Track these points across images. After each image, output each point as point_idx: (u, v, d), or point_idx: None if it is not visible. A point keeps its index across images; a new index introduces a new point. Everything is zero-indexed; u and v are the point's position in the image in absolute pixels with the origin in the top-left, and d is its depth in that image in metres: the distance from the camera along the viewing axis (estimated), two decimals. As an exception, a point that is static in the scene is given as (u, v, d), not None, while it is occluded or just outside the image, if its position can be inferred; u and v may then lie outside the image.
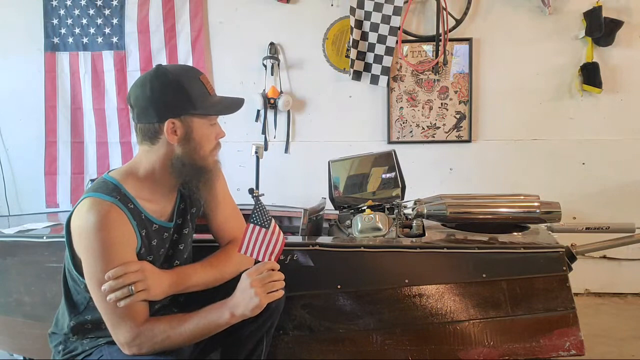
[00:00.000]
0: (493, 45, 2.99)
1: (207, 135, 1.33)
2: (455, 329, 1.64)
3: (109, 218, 1.22)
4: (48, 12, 3.24)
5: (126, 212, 1.27)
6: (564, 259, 1.68)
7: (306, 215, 1.96)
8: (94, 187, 1.30)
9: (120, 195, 1.28)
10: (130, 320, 1.23)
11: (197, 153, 1.32)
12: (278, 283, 1.29)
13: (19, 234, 1.94)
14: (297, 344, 1.68)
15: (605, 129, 2.95)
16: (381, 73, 3.00)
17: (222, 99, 1.37)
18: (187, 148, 1.30)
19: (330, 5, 3.06)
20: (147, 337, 1.24)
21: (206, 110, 1.31)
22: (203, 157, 1.33)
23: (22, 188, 3.39)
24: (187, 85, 1.29)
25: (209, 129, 1.34)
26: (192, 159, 1.31)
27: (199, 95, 1.30)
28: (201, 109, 1.30)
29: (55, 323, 1.47)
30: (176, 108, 1.28)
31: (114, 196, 1.26)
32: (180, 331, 1.25)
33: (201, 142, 1.32)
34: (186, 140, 1.30)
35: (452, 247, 1.72)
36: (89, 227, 1.22)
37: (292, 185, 3.15)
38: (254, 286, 1.24)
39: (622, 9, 2.86)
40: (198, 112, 1.29)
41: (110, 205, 1.24)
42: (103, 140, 3.29)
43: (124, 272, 1.21)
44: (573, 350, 1.61)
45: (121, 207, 1.26)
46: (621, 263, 2.98)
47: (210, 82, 1.36)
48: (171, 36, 3.17)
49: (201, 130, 1.31)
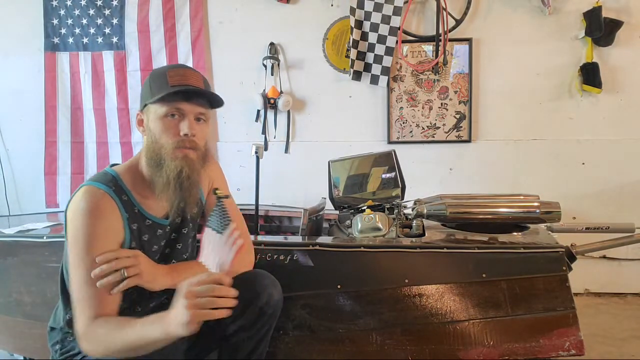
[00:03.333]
0: (493, 45, 2.99)
1: (164, 126, 1.29)
2: (455, 329, 1.64)
3: (98, 205, 1.25)
4: (48, 12, 3.24)
5: (118, 203, 1.29)
6: (564, 259, 1.68)
7: (306, 215, 1.96)
8: (93, 177, 1.34)
9: (116, 187, 1.31)
10: (90, 311, 1.21)
11: (157, 143, 1.30)
12: (221, 300, 1.07)
13: (19, 234, 1.95)
14: (297, 344, 1.68)
15: (605, 129, 2.95)
16: (381, 73, 3.00)
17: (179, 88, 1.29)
18: (149, 139, 1.32)
19: (330, 5, 3.06)
20: (94, 335, 1.19)
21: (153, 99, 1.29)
22: (163, 148, 1.29)
23: (22, 188, 3.39)
24: (151, 79, 1.34)
25: (166, 120, 1.29)
26: (153, 150, 1.31)
27: (157, 85, 1.30)
28: (152, 98, 1.30)
29: (53, 316, 1.48)
30: (141, 99, 1.35)
31: (109, 186, 1.29)
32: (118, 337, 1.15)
33: (158, 133, 1.30)
34: (148, 130, 1.33)
35: (452, 247, 1.72)
36: (78, 212, 1.24)
37: (292, 185, 3.15)
38: (186, 297, 1.06)
39: (622, 9, 2.86)
40: (151, 101, 1.30)
41: (102, 193, 1.27)
42: (103, 140, 3.29)
43: (116, 256, 1.21)
44: (573, 350, 1.61)
45: (113, 197, 1.29)
46: (621, 263, 2.98)
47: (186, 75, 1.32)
48: (171, 36, 3.18)
49: (156, 119, 1.30)
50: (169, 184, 1.29)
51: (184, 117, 1.30)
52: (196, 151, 1.32)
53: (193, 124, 1.31)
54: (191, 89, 1.30)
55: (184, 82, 1.30)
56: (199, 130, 1.32)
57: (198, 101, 1.32)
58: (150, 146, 1.32)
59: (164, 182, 1.29)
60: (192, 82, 1.31)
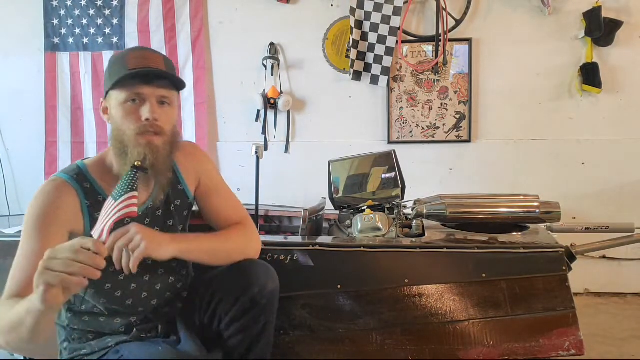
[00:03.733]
0: (493, 46, 2.99)
1: (124, 112, 1.24)
2: (455, 328, 1.64)
3: (53, 190, 1.25)
4: (48, 12, 3.24)
5: (78, 189, 1.27)
6: (564, 259, 1.68)
7: (306, 215, 1.96)
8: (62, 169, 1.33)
9: (78, 176, 1.29)
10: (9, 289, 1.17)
11: (119, 131, 1.26)
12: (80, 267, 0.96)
13: (19, 234, 1.94)
14: (297, 344, 1.68)
15: (604, 129, 2.95)
16: (381, 73, 3.00)
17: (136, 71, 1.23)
18: (113, 127, 1.29)
19: (330, 5, 3.06)
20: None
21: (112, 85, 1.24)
22: (125, 135, 1.24)
23: (22, 188, 3.39)
24: (110, 63, 1.30)
25: (126, 106, 1.24)
26: (116, 138, 1.26)
27: (116, 70, 1.25)
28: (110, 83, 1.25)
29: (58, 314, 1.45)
30: (104, 87, 1.32)
31: (70, 175, 1.29)
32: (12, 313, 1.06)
33: (119, 120, 1.25)
34: (111, 117, 1.29)
35: (452, 247, 1.72)
36: (34, 196, 1.25)
37: (292, 185, 3.15)
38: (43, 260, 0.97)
39: (622, 9, 2.86)
40: (109, 87, 1.26)
41: (61, 180, 1.27)
42: (103, 140, 3.29)
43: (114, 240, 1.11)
44: (573, 350, 1.61)
45: (72, 184, 1.27)
46: (621, 263, 2.98)
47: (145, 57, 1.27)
48: (171, 36, 3.18)
49: (117, 106, 1.25)
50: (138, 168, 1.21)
51: (145, 101, 1.24)
52: (161, 136, 1.26)
53: (155, 107, 1.25)
54: (150, 70, 1.23)
55: (143, 64, 1.24)
56: (162, 114, 1.26)
57: (159, 83, 1.25)
58: (114, 134, 1.27)
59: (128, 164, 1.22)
60: (152, 63, 1.25)
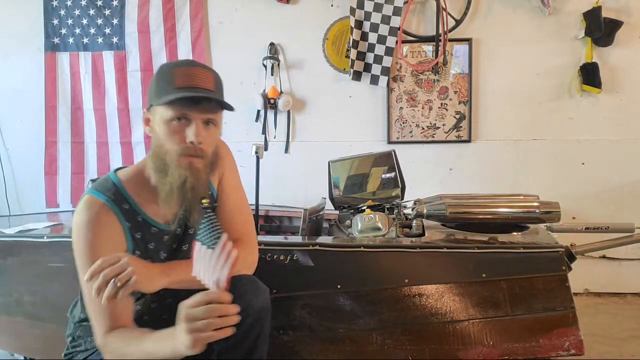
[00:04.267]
0: (493, 46, 2.99)
1: (169, 131, 1.21)
2: (455, 328, 1.64)
3: (95, 218, 1.22)
4: (48, 12, 3.24)
5: (117, 212, 1.25)
6: (564, 259, 1.68)
7: (306, 215, 1.96)
8: (95, 184, 1.30)
9: (116, 195, 1.26)
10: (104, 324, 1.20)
11: (161, 148, 1.23)
12: (221, 320, 1.01)
13: (19, 233, 1.95)
14: (297, 344, 1.68)
15: (604, 129, 2.95)
16: (381, 73, 3.00)
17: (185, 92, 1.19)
18: (155, 142, 1.26)
19: (330, 5, 3.06)
20: (111, 348, 1.18)
21: (158, 101, 1.21)
22: (167, 154, 1.22)
23: (22, 188, 3.39)
24: (157, 77, 1.25)
25: (171, 125, 1.21)
26: (158, 155, 1.24)
27: (163, 86, 1.22)
28: (157, 99, 1.22)
29: (73, 306, 1.46)
30: (148, 98, 1.28)
31: (108, 196, 1.25)
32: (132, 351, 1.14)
33: (162, 137, 1.22)
34: (154, 132, 1.26)
35: (452, 247, 1.72)
36: (78, 225, 1.22)
37: (292, 185, 3.15)
38: (185, 321, 1.01)
39: (622, 9, 2.86)
40: (155, 103, 1.23)
41: (100, 204, 1.24)
42: (103, 140, 3.29)
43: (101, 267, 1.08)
44: (573, 350, 1.61)
45: (112, 207, 1.25)
46: (621, 263, 2.98)
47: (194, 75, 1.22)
48: (171, 36, 3.18)
49: (161, 123, 1.22)
50: (172, 192, 1.22)
51: (191, 122, 1.20)
52: (203, 159, 1.23)
53: (201, 129, 1.21)
54: (199, 93, 1.19)
55: (192, 83, 1.20)
56: (207, 136, 1.22)
57: (207, 105, 1.21)
58: (155, 150, 1.25)
59: (167, 191, 1.22)
60: (201, 83, 1.21)
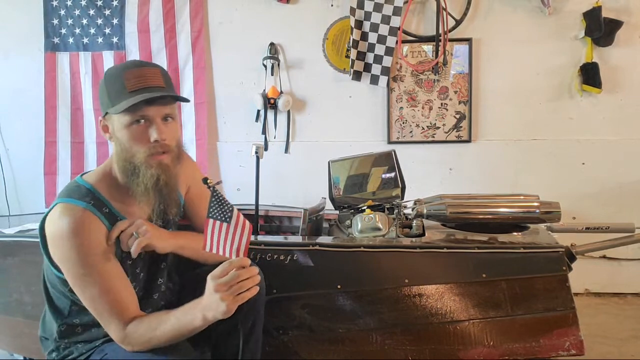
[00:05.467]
0: (493, 45, 2.99)
1: (132, 135, 1.24)
2: (455, 329, 1.64)
3: (82, 224, 1.22)
4: (48, 12, 3.24)
5: (101, 217, 1.26)
6: (564, 259, 1.68)
7: (306, 215, 1.96)
8: (66, 192, 1.28)
9: (95, 200, 1.27)
10: (116, 320, 1.24)
11: (128, 152, 1.26)
12: (249, 281, 1.16)
13: (19, 233, 1.95)
14: (297, 344, 1.68)
15: (605, 129, 2.95)
16: (381, 73, 3.00)
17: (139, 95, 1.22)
18: (118, 148, 1.28)
19: (330, 5, 3.06)
20: (134, 338, 1.24)
21: (115, 109, 1.23)
22: (135, 157, 1.26)
23: (22, 188, 3.39)
24: (107, 83, 1.27)
25: (132, 128, 1.24)
26: (125, 159, 1.27)
27: (114, 91, 1.24)
28: (112, 107, 1.24)
29: (42, 326, 1.45)
30: (101, 105, 1.30)
31: (87, 201, 1.25)
32: (159, 333, 1.22)
33: (128, 143, 1.25)
34: (115, 138, 1.28)
35: (452, 247, 1.72)
36: (63, 235, 1.20)
37: (292, 185, 3.15)
38: (218, 291, 1.14)
39: (622, 9, 2.86)
40: (112, 111, 1.25)
41: (83, 210, 1.23)
42: (103, 140, 3.28)
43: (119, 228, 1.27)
44: (573, 350, 1.61)
45: (95, 212, 1.25)
46: (621, 263, 2.98)
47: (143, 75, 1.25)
48: (171, 36, 3.17)
49: (122, 129, 1.25)
50: (147, 191, 1.27)
51: (151, 122, 1.24)
52: (170, 154, 1.29)
53: (161, 127, 1.25)
54: (154, 92, 1.22)
55: (143, 84, 1.23)
56: (168, 132, 1.27)
57: (162, 102, 1.25)
58: (121, 155, 1.27)
59: (142, 190, 1.27)
60: (151, 81, 1.24)
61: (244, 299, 1.16)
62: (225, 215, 1.15)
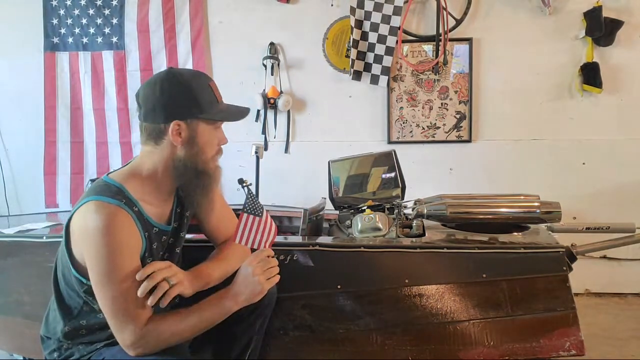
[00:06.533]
0: (493, 45, 2.99)
1: (210, 140, 1.36)
2: (455, 329, 1.64)
3: (116, 221, 1.22)
4: (48, 12, 3.24)
5: (132, 215, 1.26)
6: (564, 259, 1.68)
7: (306, 215, 1.96)
8: (96, 190, 1.27)
9: (125, 199, 1.27)
10: (134, 321, 1.23)
11: (200, 157, 1.33)
12: (275, 269, 1.35)
13: (18, 234, 1.94)
14: (297, 344, 1.67)
15: (605, 129, 2.95)
16: (381, 73, 3.00)
17: (228, 106, 1.42)
18: (190, 151, 1.32)
19: (330, 5, 3.06)
20: (153, 337, 1.23)
21: (212, 116, 1.34)
22: (205, 162, 1.35)
23: (22, 188, 3.39)
24: (196, 90, 1.32)
25: (212, 134, 1.36)
26: (194, 162, 1.33)
27: (207, 100, 1.34)
28: (207, 114, 1.33)
29: (45, 325, 1.45)
30: (184, 111, 1.30)
31: (119, 199, 1.25)
32: (184, 326, 1.27)
33: (204, 147, 1.34)
34: (190, 143, 1.31)
35: (452, 247, 1.72)
36: (96, 231, 1.20)
37: (292, 185, 3.15)
38: (256, 274, 1.30)
39: (622, 9, 2.86)
40: (204, 117, 1.32)
41: (116, 208, 1.23)
42: (103, 140, 3.29)
43: (154, 269, 1.24)
44: (573, 350, 1.61)
45: (127, 210, 1.25)
46: (621, 263, 2.98)
47: (218, 89, 1.41)
48: (171, 36, 3.17)
49: (205, 135, 1.34)
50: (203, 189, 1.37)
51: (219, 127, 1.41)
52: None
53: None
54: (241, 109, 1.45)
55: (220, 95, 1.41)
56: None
57: None
58: (191, 159, 1.32)
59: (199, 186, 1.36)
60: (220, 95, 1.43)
61: (273, 283, 1.34)
62: (258, 211, 1.31)
